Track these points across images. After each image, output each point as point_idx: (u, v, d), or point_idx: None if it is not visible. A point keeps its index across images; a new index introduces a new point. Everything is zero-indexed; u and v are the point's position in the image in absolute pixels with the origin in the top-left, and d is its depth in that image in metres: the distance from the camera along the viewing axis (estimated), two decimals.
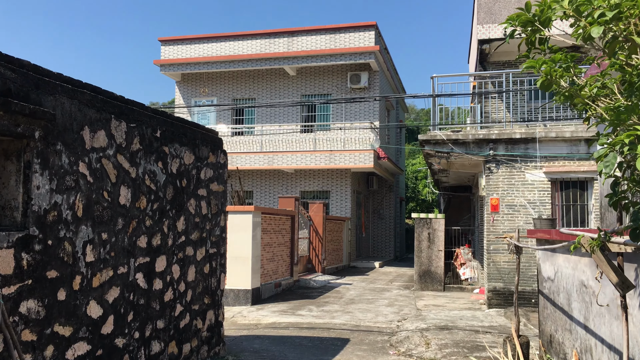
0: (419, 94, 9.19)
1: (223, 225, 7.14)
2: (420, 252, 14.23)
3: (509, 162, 10.84)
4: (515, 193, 10.81)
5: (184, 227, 6.11)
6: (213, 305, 6.83)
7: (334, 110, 21.74)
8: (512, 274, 10.72)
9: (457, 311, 10.69)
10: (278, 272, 13.18)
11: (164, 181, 5.70)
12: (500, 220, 10.84)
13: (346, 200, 21.21)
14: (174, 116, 6.05)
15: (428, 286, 14.07)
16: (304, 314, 10.32)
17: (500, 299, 10.74)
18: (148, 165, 5.40)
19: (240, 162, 20.64)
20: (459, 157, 11.19)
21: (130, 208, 5.06)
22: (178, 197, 5.99)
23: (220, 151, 7.05)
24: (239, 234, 11.39)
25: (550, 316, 6.25)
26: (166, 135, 5.76)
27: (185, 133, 6.19)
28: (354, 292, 13.49)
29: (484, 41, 12.82)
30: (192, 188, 6.34)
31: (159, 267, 5.57)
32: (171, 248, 5.82)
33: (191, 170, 6.31)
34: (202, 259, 6.55)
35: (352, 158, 19.73)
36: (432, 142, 11.04)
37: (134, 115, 5.19)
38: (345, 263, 20.50)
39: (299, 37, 20.98)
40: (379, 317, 10.13)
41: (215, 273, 6.89)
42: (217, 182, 6.96)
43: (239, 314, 10.35)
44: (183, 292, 6.08)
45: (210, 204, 6.76)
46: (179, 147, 6.03)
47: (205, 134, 6.67)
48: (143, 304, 5.28)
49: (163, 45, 22.31)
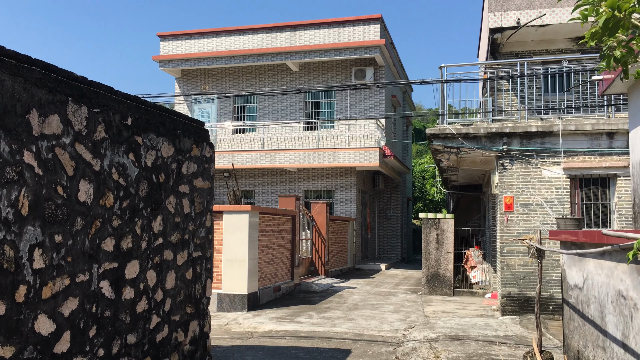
0: (426, 79, 8.46)
1: (209, 226, 6.44)
2: (428, 255, 13.48)
3: (524, 157, 10.08)
4: (531, 191, 10.04)
5: (162, 227, 5.41)
6: (197, 315, 6.13)
7: (338, 107, 21.02)
8: (528, 278, 9.95)
9: (468, 318, 9.93)
10: (277, 276, 12.47)
11: (137, 176, 5.01)
12: (515, 221, 10.07)
13: (351, 200, 20.49)
14: (150, 103, 5.35)
15: (436, 290, 13.31)
16: (303, 321, 9.60)
17: (515, 305, 9.97)
18: (116, 157, 4.70)
19: (241, 161, 19.97)
20: (470, 153, 10.44)
21: (92, 206, 4.37)
22: (154, 194, 5.29)
23: (205, 143, 6.35)
24: (234, 235, 10.69)
25: (577, 329, 5.50)
26: (139, 123, 5.06)
27: (163, 122, 5.49)
28: (357, 297, 12.76)
29: (496, 30, 12.06)
30: (172, 184, 5.64)
31: (129, 274, 4.87)
32: (145, 252, 5.12)
33: (170, 164, 5.61)
34: (184, 264, 5.85)
35: (357, 156, 19.00)
36: (440, 136, 10.29)
37: (98, 99, 4.50)
38: (349, 265, 19.76)
39: (302, 31, 20.28)
40: (384, 324, 9.40)
41: (199, 279, 6.19)
42: (202, 178, 6.26)
43: (233, 321, 9.65)
44: (160, 301, 5.38)
45: (193, 202, 6.06)
46: (155, 138, 5.33)
47: (187, 124, 5.97)
48: (109, 316, 4.58)
49: (162, 40, 21.68)
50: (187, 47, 21.45)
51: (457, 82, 8.71)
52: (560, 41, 12.74)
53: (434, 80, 8.77)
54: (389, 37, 21.54)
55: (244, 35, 20.85)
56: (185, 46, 21.46)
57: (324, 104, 21.31)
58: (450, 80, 8.79)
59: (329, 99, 21.26)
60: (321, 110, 21.35)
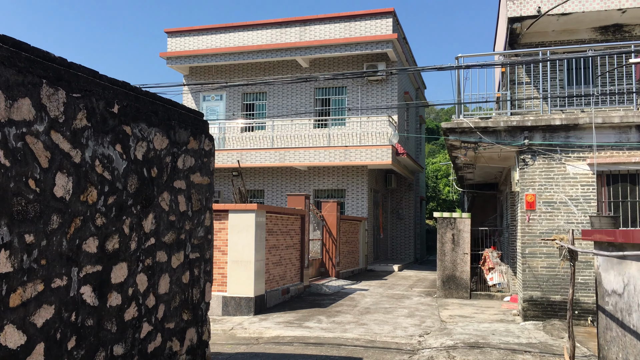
0: (443, 65, 7.92)
1: (208, 225, 5.95)
2: (444, 256, 12.90)
3: (546, 152, 9.48)
4: (554, 188, 9.44)
5: (154, 226, 4.92)
6: (195, 322, 5.64)
7: (349, 104, 20.49)
8: (551, 281, 9.35)
9: (487, 324, 9.36)
10: (286, 278, 11.97)
11: (125, 169, 4.53)
12: (537, 220, 9.47)
13: (362, 200, 19.94)
14: (140, 89, 4.88)
15: (452, 293, 12.73)
16: (312, 326, 9.09)
17: (538, 310, 9.37)
18: (100, 148, 4.23)
19: (250, 159, 19.51)
20: (489, 148, 9.85)
21: (71, 202, 3.90)
22: (145, 190, 4.81)
23: (204, 136, 5.86)
24: (240, 236, 10.22)
25: (616, 340, 4.92)
26: (128, 111, 4.58)
27: (156, 111, 5.01)
28: (369, 300, 12.22)
29: (515, 19, 11.45)
30: (166, 179, 5.15)
31: (116, 278, 4.40)
32: (135, 253, 4.65)
33: (164, 158, 5.13)
34: (180, 266, 5.37)
35: (368, 154, 18.45)
36: (457, 130, 9.71)
37: (78, 83, 4.03)
38: (361, 266, 19.22)
39: (312, 25, 19.78)
40: (397, 330, 8.85)
41: (197, 283, 5.71)
42: (200, 173, 5.78)
43: (239, 326, 9.17)
44: (152, 307, 4.90)
45: (190, 198, 5.57)
46: (147, 128, 4.85)
47: (184, 114, 5.49)
48: (92, 325, 4.11)
49: (170, 37, 21.30)
50: (195, 43, 21.06)
51: (476, 67, 8.13)
52: (583, 31, 12.09)
53: (451, 66, 8.23)
54: (401, 31, 20.96)
55: (253, 30, 20.40)
56: (193, 42, 21.06)
57: (334, 100, 20.79)
58: (469, 65, 8.24)
59: (340, 95, 20.73)
60: (332, 107, 20.84)
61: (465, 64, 8.54)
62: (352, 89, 20.44)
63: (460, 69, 8.66)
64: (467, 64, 8.48)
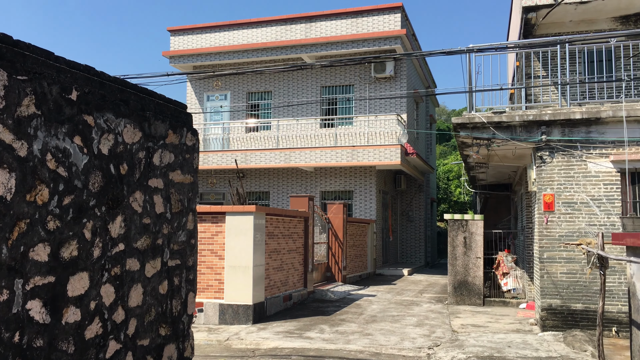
0: (453, 49, 7.30)
1: (191, 229, 5.35)
2: (455, 260, 12.22)
3: (566, 149, 8.79)
4: (574, 187, 8.75)
5: (123, 231, 4.34)
6: (175, 337, 5.04)
7: (356, 103, 19.87)
8: (572, 288, 8.65)
9: (502, 334, 8.67)
10: (288, 283, 11.37)
11: (86, 165, 3.94)
12: (556, 222, 8.78)
13: (371, 201, 19.29)
14: (106, 74, 4.30)
15: (464, 299, 12.04)
16: (313, 337, 8.47)
17: (558, 319, 8.67)
18: (53, 140, 3.65)
19: (255, 160, 18.96)
20: (503, 145, 9.18)
21: (14, 202, 3.32)
22: (112, 189, 4.23)
23: (186, 129, 5.26)
24: (237, 239, 9.63)
25: None
26: (90, 99, 4.00)
27: (126, 100, 4.43)
28: (377, 307, 11.57)
29: (530, 9, 10.77)
30: (139, 177, 4.57)
31: (74, 290, 3.81)
32: (99, 261, 4.06)
33: (136, 153, 4.54)
34: (156, 275, 4.78)
35: (376, 154, 17.80)
36: (469, 126, 9.05)
37: (25, 64, 3.45)
38: (369, 270, 18.56)
39: (318, 22, 19.20)
40: (405, 341, 8.21)
41: (178, 293, 5.11)
42: (181, 171, 5.18)
43: (235, 336, 8.57)
44: (121, 322, 4.31)
45: (169, 199, 4.98)
46: (115, 119, 4.26)
47: (161, 105, 4.90)
48: (42, 346, 3.52)
49: (172, 35, 20.84)
50: (198, 41, 20.57)
51: (489, 50, 7.47)
52: (602, 21, 11.38)
53: (461, 49, 7.60)
54: (410, 27, 20.31)
55: (257, 28, 19.88)
56: (196, 41, 20.58)
57: (341, 99, 20.18)
58: (481, 49, 7.57)
59: (347, 94, 20.12)
60: (339, 106, 20.23)
61: (477, 47, 7.90)
62: (359, 87, 19.82)
63: (472, 52, 8.01)
64: (480, 47, 7.84)
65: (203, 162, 19.66)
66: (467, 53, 8.10)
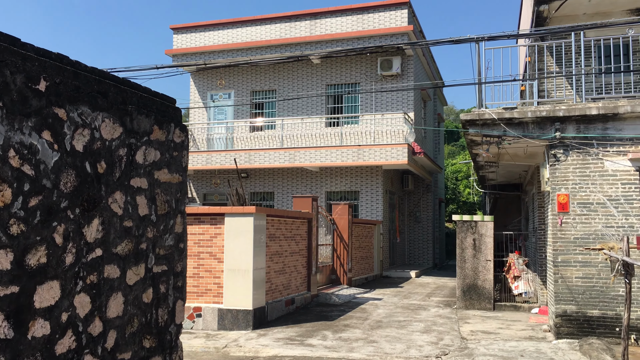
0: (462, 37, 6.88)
1: (180, 232, 4.97)
2: (464, 262, 11.78)
3: (581, 146, 8.35)
4: (590, 187, 8.31)
5: (101, 235, 3.97)
6: (161, 349, 4.67)
7: (362, 101, 19.47)
8: (588, 293, 8.21)
9: (514, 342, 8.24)
10: (290, 287, 10.99)
11: (57, 163, 3.58)
12: (571, 224, 8.34)
13: (377, 202, 18.88)
14: (82, 65, 3.94)
15: (474, 304, 11.61)
16: (315, 344, 8.09)
17: (573, 326, 8.23)
18: (17, 135, 3.28)
19: (259, 160, 18.61)
20: (514, 142, 8.76)
21: None
22: (88, 189, 3.86)
23: (173, 125, 4.89)
24: (237, 241, 9.27)
25: None
26: (62, 90, 3.64)
27: (105, 92, 4.06)
28: (382, 311, 11.17)
29: (542, 1, 10.32)
30: (120, 176, 4.20)
31: (42, 301, 3.45)
32: (72, 268, 3.69)
33: (116, 150, 4.17)
34: (139, 283, 4.41)
35: (383, 153, 17.39)
36: (478, 122, 8.64)
37: None
38: (376, 272, 18.15)
39: (323, 19, 18.83)
40: (411, 349, 7.80)
41: (164, 301, 4.74)
42: (168, 170, 4.81)
43: (233, 343, 8.21)
44: (99, 335, 3.94)
45: (154, 200, 4.61)
46: (91, 113, 3.89)
47: (145, 98, 4.52)
48: None
49: (175, 33, 20.55)
50: (201, 39, 20.26)
51: (500, 38, 7.05)
52: (617, 14, 10.91)
53: (470, 37, 7.18)
54: (417, 24, 19.89)
55: (262, 25, 19.53)
56: (199, 39, 20.27)
57: (347, 98, 19.78)
58: (492, 37, 7.15)
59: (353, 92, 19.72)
60: (344, 104, 19.84)
61: (488, 36, 7.48)
62: (365, 85, 19.42)
63: (482, 41, 7.59)
64: (491, 35, 7.42)
65: (207, 162, 19.35)
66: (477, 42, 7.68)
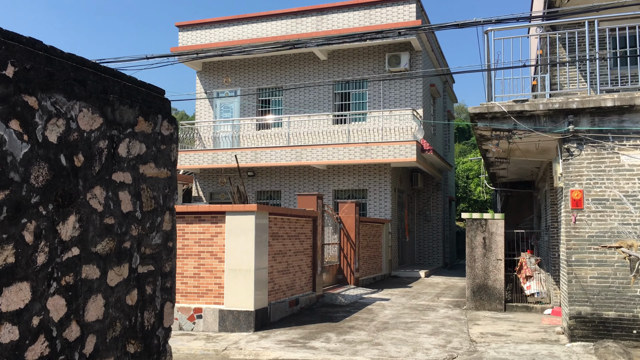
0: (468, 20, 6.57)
1: (168, 230, 4.70)
2: (474, 262, 11.42)
3: (596, 140, 7.97)
4: (605, 183, 7.93)
5: (78, 233, 3.70)
6: (147, 355, 4.40)
7: (370, 98, 19.14)
8: (603, 294, 7.83)
9: (526, 345, 7.89)
10: (294, 287, 10.71)
11: (27, 155, 3.32)
12: (585, 221, 7.97)
13: (386, 200, 18.54)
14: (57, 50, 3.68)
15: (484, 304, 11.25)
16: (317, 347, 7.79)
17: (588, 328, 7.85)
18: None
19: (265, 159, 18.36)
20: (525, 137, 8.40)
21: None
22: (63, 184, 3.60)
23: (161, 117, 4.61)
24: (238, 240, 9.01)
25: None
26: (32, 77, 3.38)
27: (83, 80, 3.79)
28: (389, 312, 10.85)
29: None
30: (100, 170, 3.93)
31: (9, 304, 3.18)
32: (45, 269, 3.43)
33: (96, 142, 3.90)
34: (122, 284, 4.14)
35: (391, 151, 17.06)
36: (487, 116, 8.28)
37: None
38: (384, 272, 17.81)
39: (329, 14, 18.52)
40: (417, 353, 7.48)
41: (151, 304, 4.47)
42: (154, 164, 4.54)
43: (234, 345, 7.94)
44: (76, 340, 3.68)
45: (139, 196, 4.34)
46: (67, 102, 3.63)
47: (129, 87, 4.25)
48: None
49: (181, 31, 20.36)
50: (207, 37, 20.05)
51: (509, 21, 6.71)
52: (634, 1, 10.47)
53: (477, 21, 6.84)
54: (426, 18, 19.52)
55: (267, 21, 19.28)
56: (205, 36, 20.06)
57: (354, 94, 19.47)
58: (500, 19, 6.80)
59: (360, 89, 19.41)
60: (352, 101, 19.52)
61: (495, 19, 7.13)
62: (373, 82, 19.09)
63: (488, 24, 7.23)
64: (498, 18, 7.07)
65: (213, 161, 19.15)
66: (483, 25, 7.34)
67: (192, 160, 19.41)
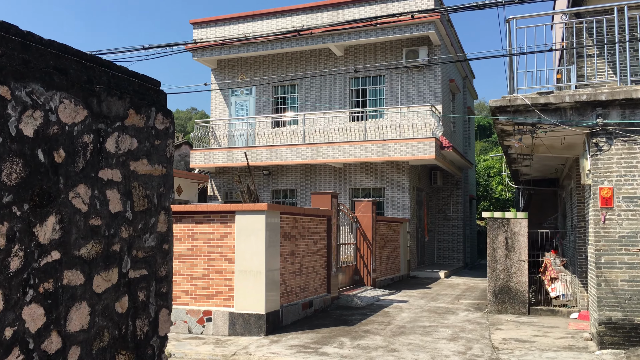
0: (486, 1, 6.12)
1: (163, 232, 4.37)
2: (495, 263, 10.94)
3: (627, 134, 7.45)
4: (637, 179, 7.41)
5: (59, 235, 3.40)
6: None
7: (387, 95, 18.70)
8: (635, 298, 7.32)
9: (552, 352, 7.41)
10: (308, 289, 10.36)
11: None
12: (616, 220, 7.46)
13: (404, 199, 18.08)
14: (35, 35, 3.38)
15: (507, 308, 10.75)
16: (330, 352, 7.43)
17: (619, 335, 7.35)
18: None
19: (281, 157, 18.06)
20: (550, 131, 7.91)
21: None
22: (40, 181, 3.30)
23: (154, 110, 4.30)
24: (248, 241, 8.69)
25: None
26: (4, 64, 3.08)
27: (64, 69, 3.49)
28: (407, 315, 10.43)
29: None
30: (84, 166, 3.62)
31: None
32: (19, 275, 3.13)
33: (80, 136, 3.59)
34: (110, 290, 3.83)
35: (409, 148, 16.60)
36: (509, 109, 7.82)
37: None
38: (403, 273, 17.36)
39: (345, 9, 18.12)
40: None
41: (144, 311, 4.16)
42: (148, 160, 4.22)
43: (243, 350, 7.63)
44: (57, 352, 3.37)
45: (130, 195, 4.03)
46: (45, 92, 3.32)
47: (118, 77, 3.94)
48: None
49: (195, 28, 20.17)
50: (222, 33, 19.81)
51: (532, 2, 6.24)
52: None
53: (499, 1, 6.39)
54: None
55: (282, 17, 18.95)
56: (220, 33, 19.83)
57: (371, 91, 19.04)
58: (524, 2, 6.34)
59: (378, 85, 18.98)
60: (369, 98, 19.10)
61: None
62: (390, 77, 18.64)
63: (510, 4, 6.77)
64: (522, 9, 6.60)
65: (228, 160, 18.93)
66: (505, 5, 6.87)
67: (207, 159, 19.21)
